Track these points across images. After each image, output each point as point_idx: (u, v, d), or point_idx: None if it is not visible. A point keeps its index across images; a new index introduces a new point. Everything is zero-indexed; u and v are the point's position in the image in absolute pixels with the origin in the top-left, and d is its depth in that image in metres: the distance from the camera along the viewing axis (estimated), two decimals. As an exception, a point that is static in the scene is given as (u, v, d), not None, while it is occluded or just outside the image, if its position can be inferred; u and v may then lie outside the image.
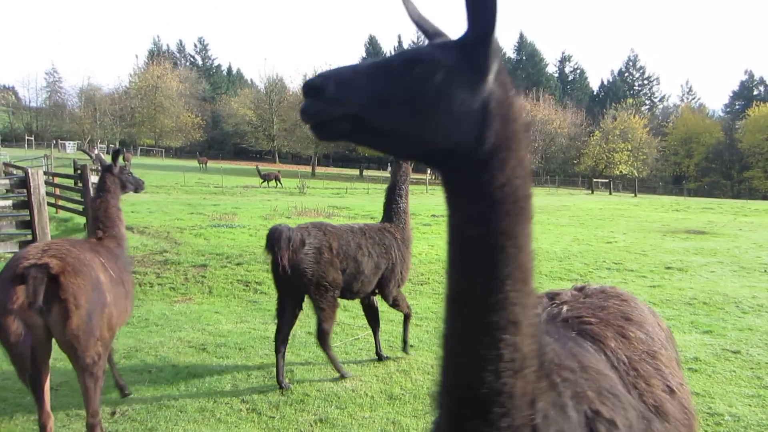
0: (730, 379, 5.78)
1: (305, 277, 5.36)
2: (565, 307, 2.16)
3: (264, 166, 44.17)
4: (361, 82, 1.32)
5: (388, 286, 6.08)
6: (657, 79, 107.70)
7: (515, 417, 1.36)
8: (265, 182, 39.19)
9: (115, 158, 5.17)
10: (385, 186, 8.41)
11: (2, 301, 3.63)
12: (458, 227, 1.38)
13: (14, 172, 19.27)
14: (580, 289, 2.43)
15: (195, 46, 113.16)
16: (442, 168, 1.40)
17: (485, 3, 1.25)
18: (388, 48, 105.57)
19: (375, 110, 1.31)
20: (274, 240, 5.30)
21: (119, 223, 4.98)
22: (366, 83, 1.32)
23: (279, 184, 38.72)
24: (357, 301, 6.59)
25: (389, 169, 7.42)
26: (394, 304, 6.30)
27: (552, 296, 2.33)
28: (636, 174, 69.68)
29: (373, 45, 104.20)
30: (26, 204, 9.45)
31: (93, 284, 3.89)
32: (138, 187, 5.58)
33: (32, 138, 74.14)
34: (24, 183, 9.40)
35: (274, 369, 5.57)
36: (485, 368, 1.35)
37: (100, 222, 4.87)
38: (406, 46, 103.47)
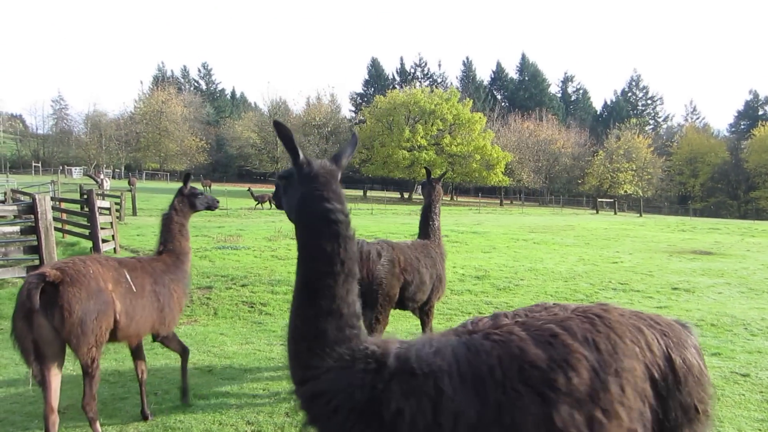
0: (740, 403, 5.69)
1: (380, 288, 5.64)
2: (506, 320, 2.37)
3: (259, 188, 44.32)
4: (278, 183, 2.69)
5: (435, 297, 6.33)
6: (660, 98, 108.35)
7: (295, 369, 2.45)
8: (259, 204, 39.41)
9: (185, 181, 5.56)
10: (388, 206, 8.51)
11: (19, 302, 4.11)
12: None
13: (22, 198, 19.45)
14: (581, 306, 2.46)
15: (199, 71, 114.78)
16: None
17: (292, 155, 2.43)
18: (390, 70, 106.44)
19: (279, 198, 2.75)
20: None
21: (181, 238, 5.38)
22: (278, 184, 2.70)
23: (272, 206, 38.82)
24: None
25: (420, 189, 7.70)
26: (429, 313, 6.44)
27: (539, 309, 2.50)
28: (641, 194, 69.66)
29: (375, 67, 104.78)
30: (33, 229, 9.51)
31: (91, 294, 4.23)
32: (211, 205, 5.82)
33: (39, 164, 75.03)
34: (31, 209, 9.47)
35: (280, 390, 5.53)
36: (288, 336, 2.41)
37: (162, 236, 5.35)
38: (408, 67, 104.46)
